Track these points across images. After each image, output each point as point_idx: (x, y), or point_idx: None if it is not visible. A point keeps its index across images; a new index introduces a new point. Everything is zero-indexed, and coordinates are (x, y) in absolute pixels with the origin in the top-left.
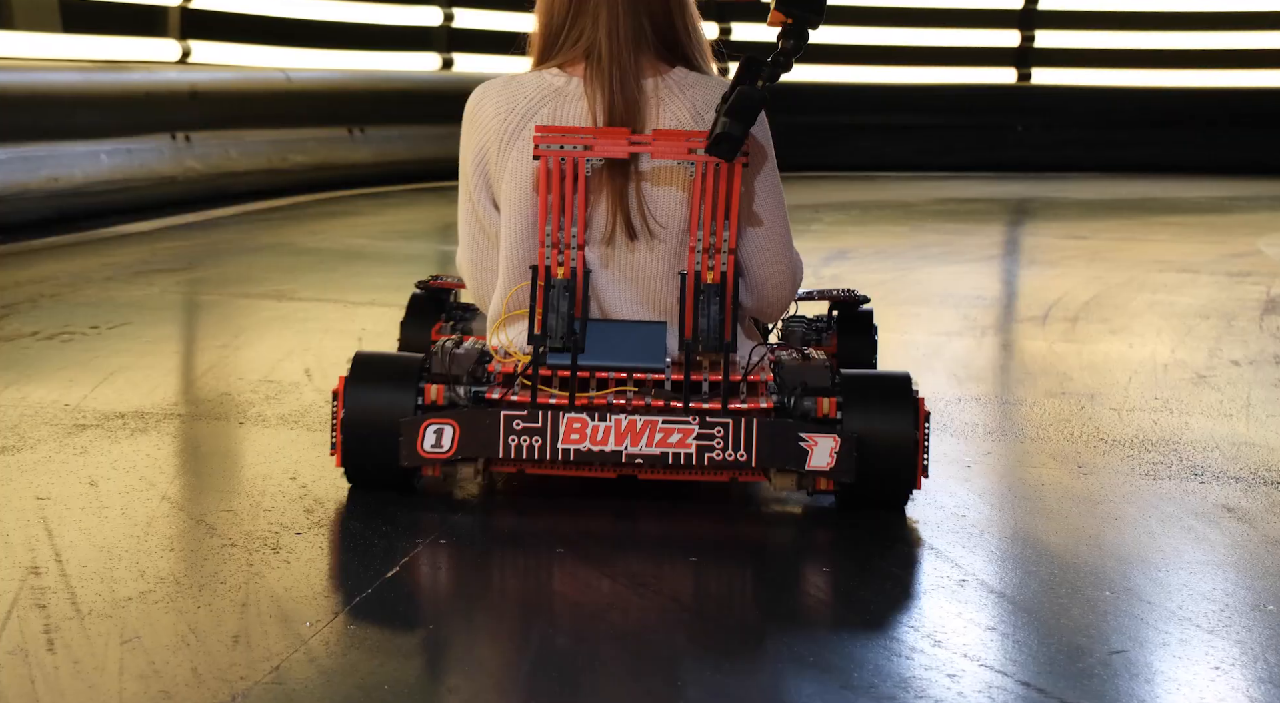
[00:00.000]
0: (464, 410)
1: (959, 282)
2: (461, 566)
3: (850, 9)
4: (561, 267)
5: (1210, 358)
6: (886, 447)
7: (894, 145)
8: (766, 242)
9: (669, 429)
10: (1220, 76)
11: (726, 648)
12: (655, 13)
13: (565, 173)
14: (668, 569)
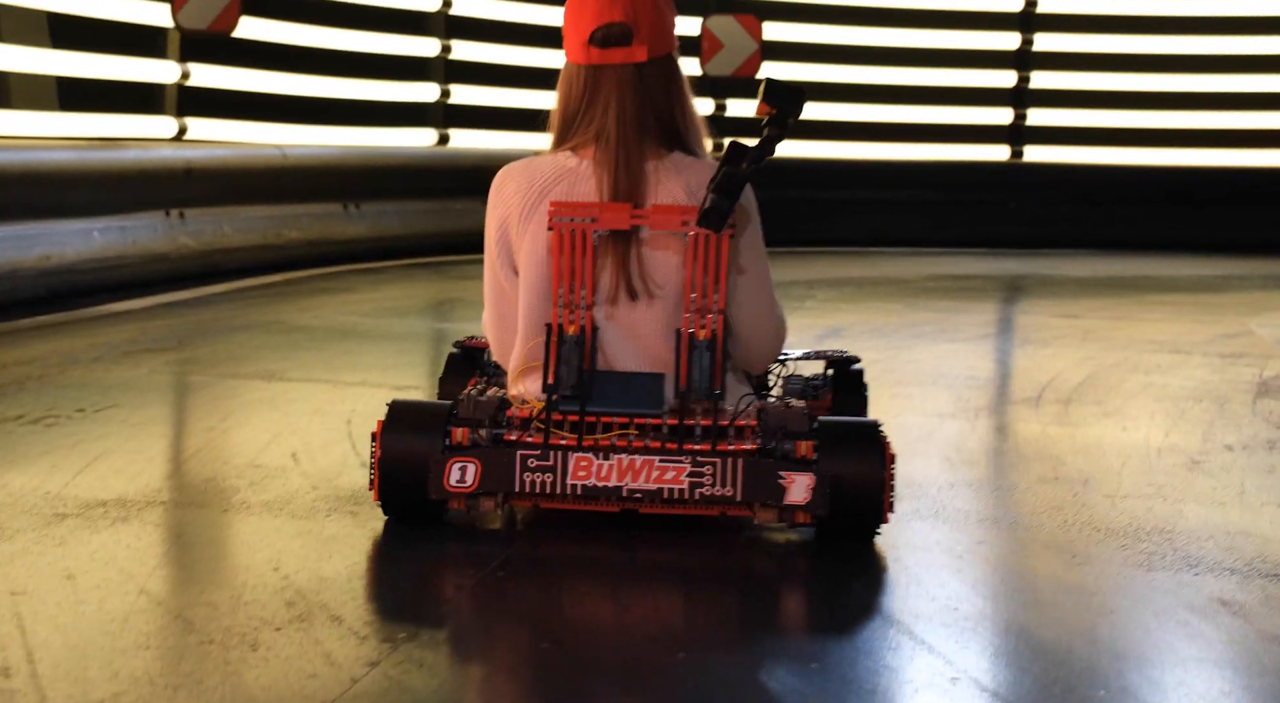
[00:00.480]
0: (485, 450)
1: (952, 361)
2: (451, 662)
3: (844, 86)
4: (572, 324)
5: (1204, 443)
6: (857, 485)
7: (889, 221)
8: (752, 303)
9: (664, 468)
10: (1210, 155)
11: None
12: (657, 106)
13: (575, 242)
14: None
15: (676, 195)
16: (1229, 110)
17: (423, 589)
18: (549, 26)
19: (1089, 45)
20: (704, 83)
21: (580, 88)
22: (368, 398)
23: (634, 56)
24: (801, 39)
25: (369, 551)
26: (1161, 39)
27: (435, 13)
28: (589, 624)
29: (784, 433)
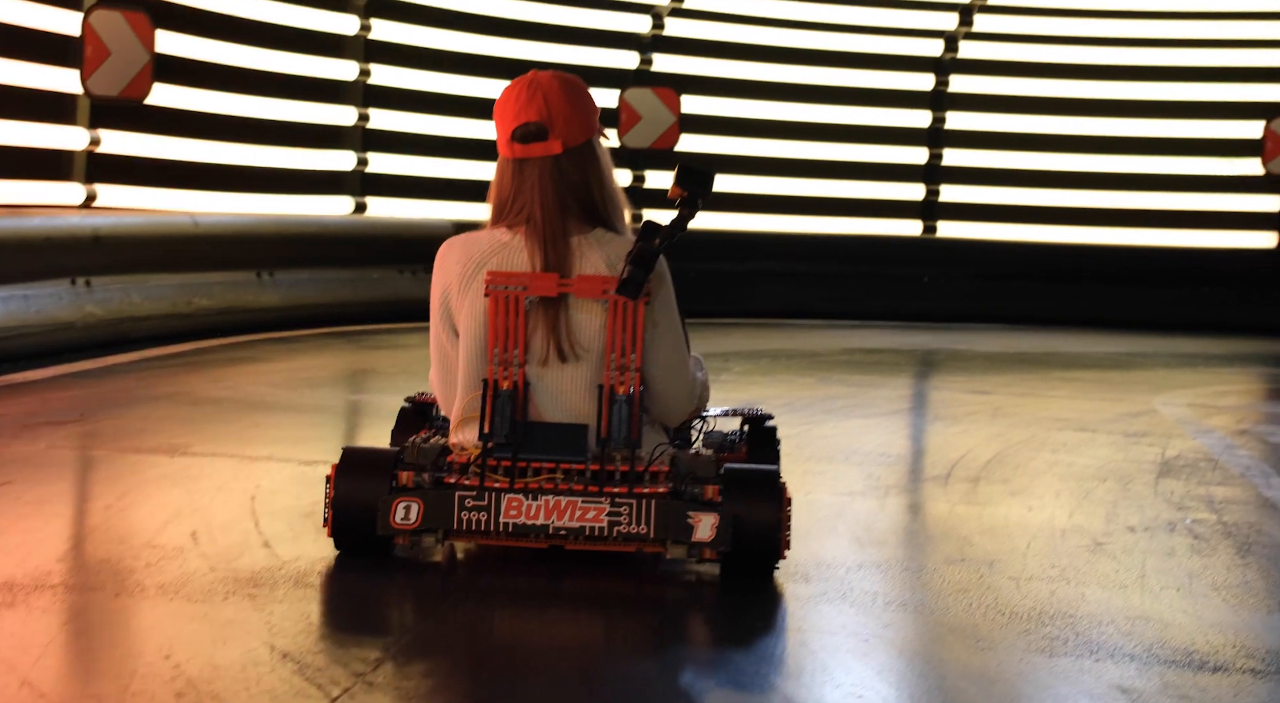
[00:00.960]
0: (427, 491)
1: (864, 437)
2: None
3: (761, 159)
4: (506, 380)
5: (1107, 523)
6: (756, 524)
7: (805, 293)
8: (666, 363)
9: (586, 508)
10: (1117, 234)
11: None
12: (577, 190)
13: (509, 307)
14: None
15: (598, 267)
16: (1137, 190)
17: (320, 677)
18: (466, 96)
19: (1000, 125)
20: (622, 154)
21: (509, 177)
22: (274, 473)
23: (551, 150)
24: (719, 112)
25: (266, 636)
26: (1072, 120)
27: (353, 82)
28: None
29: (693, 478)
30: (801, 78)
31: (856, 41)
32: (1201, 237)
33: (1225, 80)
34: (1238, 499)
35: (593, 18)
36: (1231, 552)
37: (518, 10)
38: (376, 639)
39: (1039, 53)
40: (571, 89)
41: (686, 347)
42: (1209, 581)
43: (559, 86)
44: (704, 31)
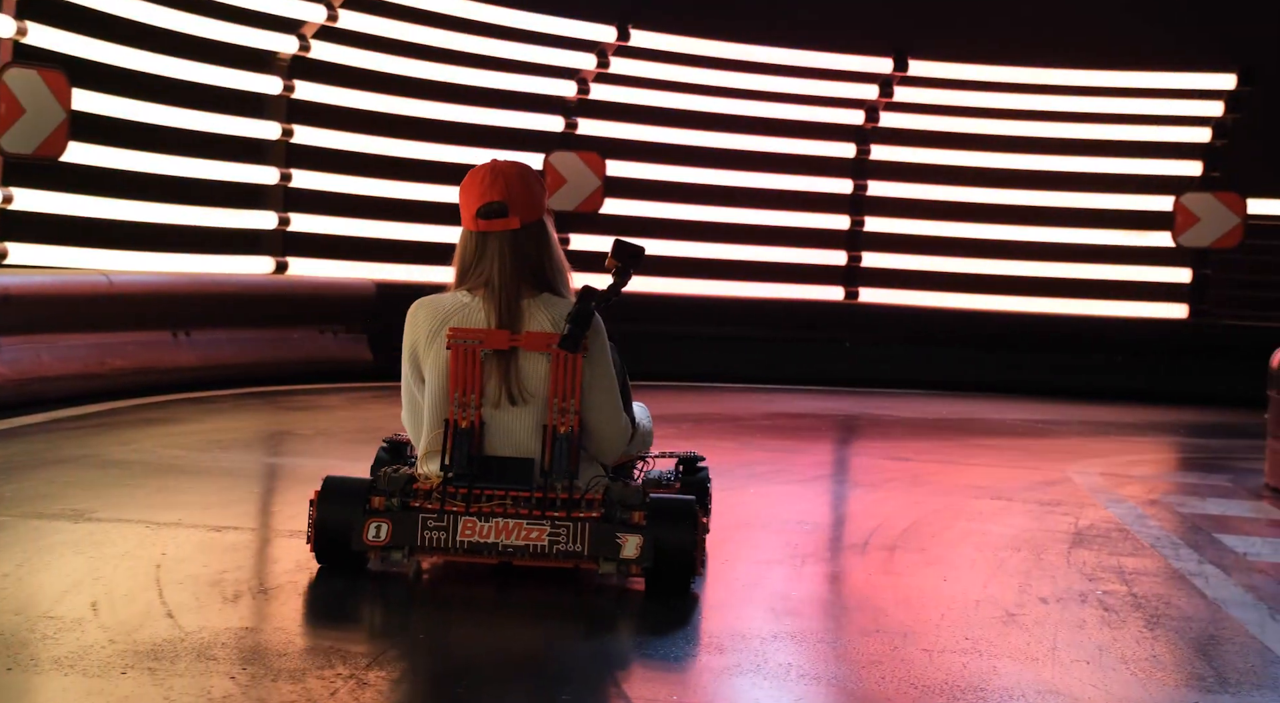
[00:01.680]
0: (395, 513)
1: (785, 504)
2: None
3: (686, 223)
4: (465, 419)
5: (1020, 594)
6: (675, 545)
7: (729, 357)
8: (601, 407)
9: (530, 529)
10: (1037, 303)
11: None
12: (530, 260)
13: (468, 358)
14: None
15: (544, 325)
16: (1054, 260)
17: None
18: (391, 157)
19: (921, 193)
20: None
21: (472, 247)
22: (181, 540)
23: (510, 225)
24: (645, 176)
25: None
26: (990, 190)
27: (275, 141)
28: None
29: (622, 505)
30: (726, 144)
31: (781, 110)
32: (1116, 307)
33: (1137, 155)
34: (1147, 570)
35: (518, 82)
36: (1141, 624)
37: (443, 73)
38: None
39: (959, 124)
40: (528, 175)
41: (625, 396)
42: (1118, 654)
43: (517, 173)
44: (629, 97)
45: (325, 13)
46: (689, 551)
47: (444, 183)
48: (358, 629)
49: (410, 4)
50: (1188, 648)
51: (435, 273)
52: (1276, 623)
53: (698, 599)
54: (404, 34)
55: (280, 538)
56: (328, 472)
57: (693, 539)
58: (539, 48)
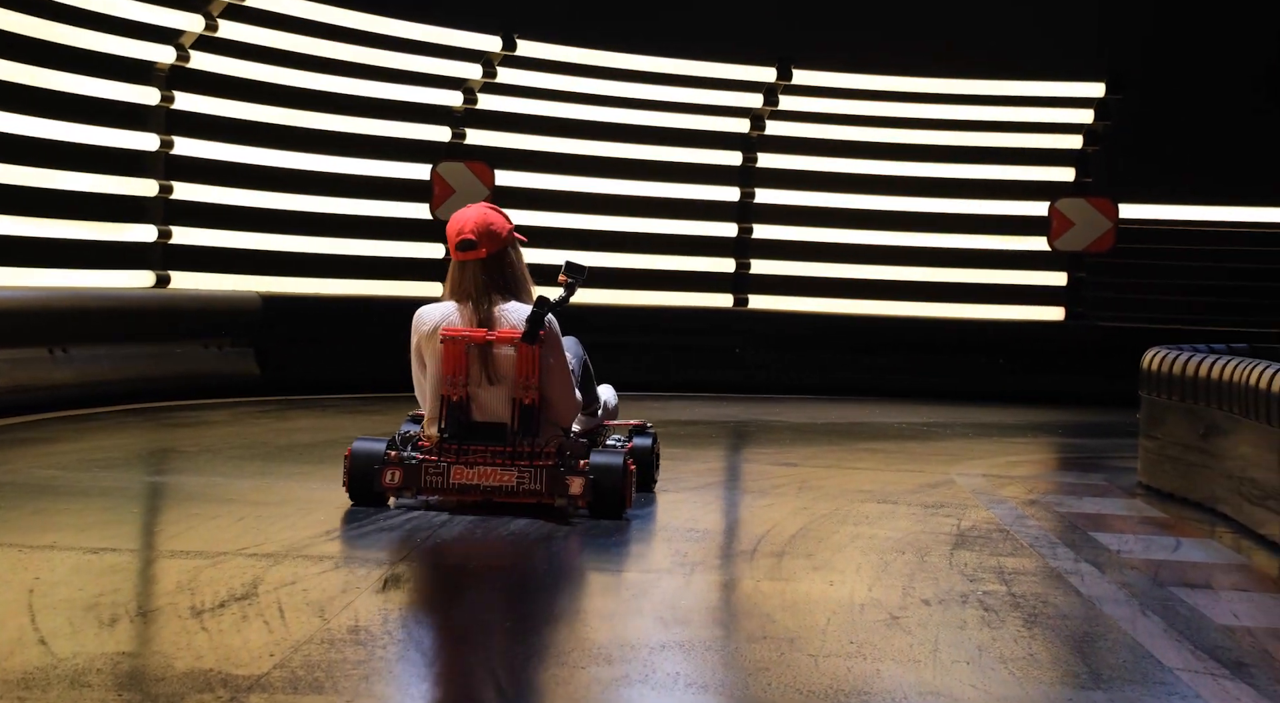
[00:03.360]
0: (405, 463)
1: (675, 512)
2: None
3: (575, 232)
4: (455, 395)
5: (904, 597)
6: (609, 485)
7: (620, 365)
8: (555, 385)
9: (504, 474)
10: (920, 307)
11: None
12: (496, 279)
13: (457, 350)
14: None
15: (512, 325)
16: (936, 265)
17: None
18: (275, 168)
19: (806, 200)
20: (435, 226)
21: (455, 272)
22: (56, 563)
23: (479, 254)
24: (534, 185)
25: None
26: (873, 197)
27: (154, 153)
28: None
29: (571, 456)
30: (615, 152)
31: (668, 118)
32: (996, 310)
33: (1014, 162)
34: (1026, 570)
35: (404, 92)
36: (1019, 623)
37: (328, 83)
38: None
39: (842, 132)
40: (490, 217)
41: (588, 379)
42: (997, 653)
43: (483, 219)
44: (517, 106)
45: (204, 22)
46: (619, 489)
47: (331, 194)
48: (240, 651)
49: (293, 13)
50: (1063, 646)
51: (324, 285)
52: (1147, 619)
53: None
54: (287, 44)
55: (162, 559)
56: (212, 489)
57: (623, 481)
58: (425, 58)
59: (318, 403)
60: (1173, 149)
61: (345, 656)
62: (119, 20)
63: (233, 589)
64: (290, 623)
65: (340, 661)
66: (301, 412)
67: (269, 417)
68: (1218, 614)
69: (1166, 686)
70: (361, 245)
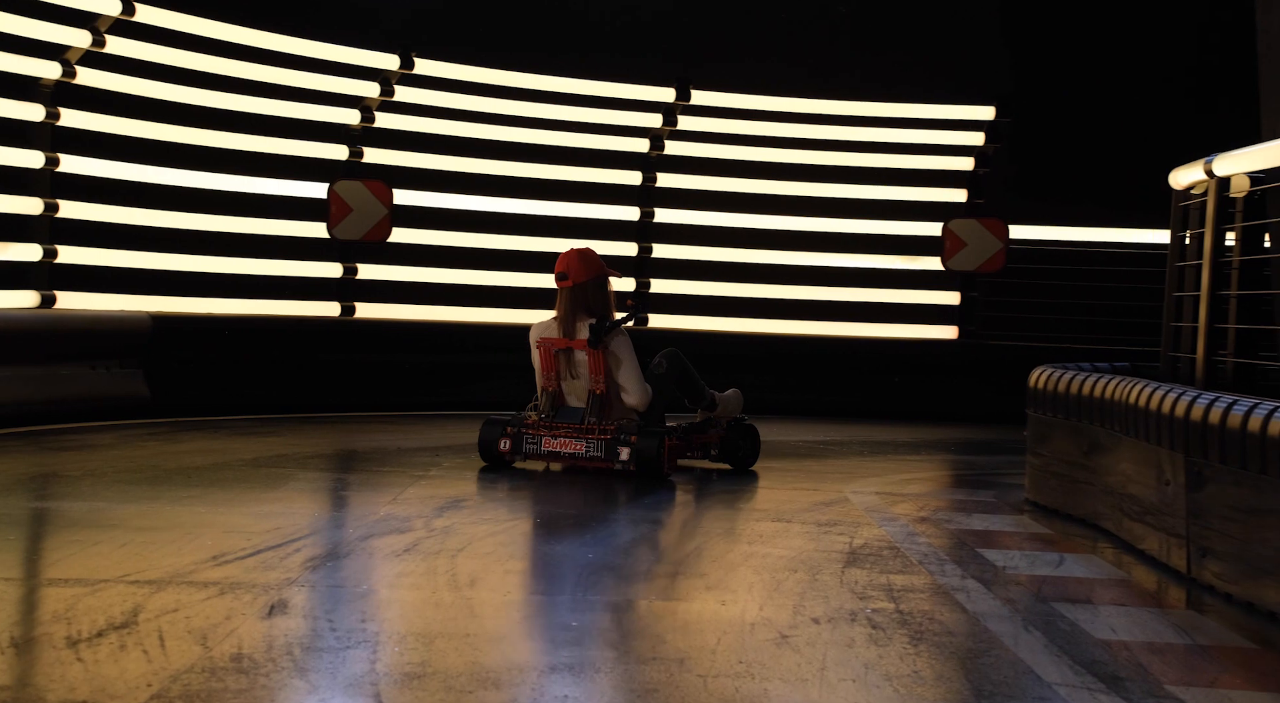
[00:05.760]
0: (514, 435)
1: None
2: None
3: (475, 251)
4: (550, 386)
5: (794, 616)
6: (650, 455)
7: (521, 386)
8: (624, 378)
9: (576, 444)
10: (816, 326)
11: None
12: (581, 303)
13: (549, 353)
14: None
15: (586, 336)
16: (834, 285)
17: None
18: (165, 185)
19: (707, 220)
20: (332, 245)
21: (558, 297)
22: None
23: (567, 284)
24: (433, 205)
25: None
26: (771, 218)
27: (40, 170)
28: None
29: (624, 432)
30: (515, 172)
31: (568, 138)
32: (892, 329)
33: (909, 183)
34: (915, 587)
35: (300, 110)
36: (905, 641)
37: (221, 100)
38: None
39: (741, 153)
40: (584, 255)
41: (686, 381)
42: (883, 671)
43: (577, 255)
44: (416, 125)
45: (90, 38)
46: (657, 458)
47: (226, 212)
48: (117, 682)
49: (184, 30)
50: (947, 663)
51: (218, 305)
52: (1029, 634)
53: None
54: (178, 60)
55: (40, 587)
56: (95, 514)
57: (661, 452)
58: (321, 76)
59: (211, 425)
60: (1060, 171)
61: (226, 684)
62: (2, 35)
63: (112, 618)
64: (170, 652)
65: (221, 690)
66: (193, 434)
67: (158, 439)
68: (1097, 629)
69: (1045, 701)
70: (257, 265)
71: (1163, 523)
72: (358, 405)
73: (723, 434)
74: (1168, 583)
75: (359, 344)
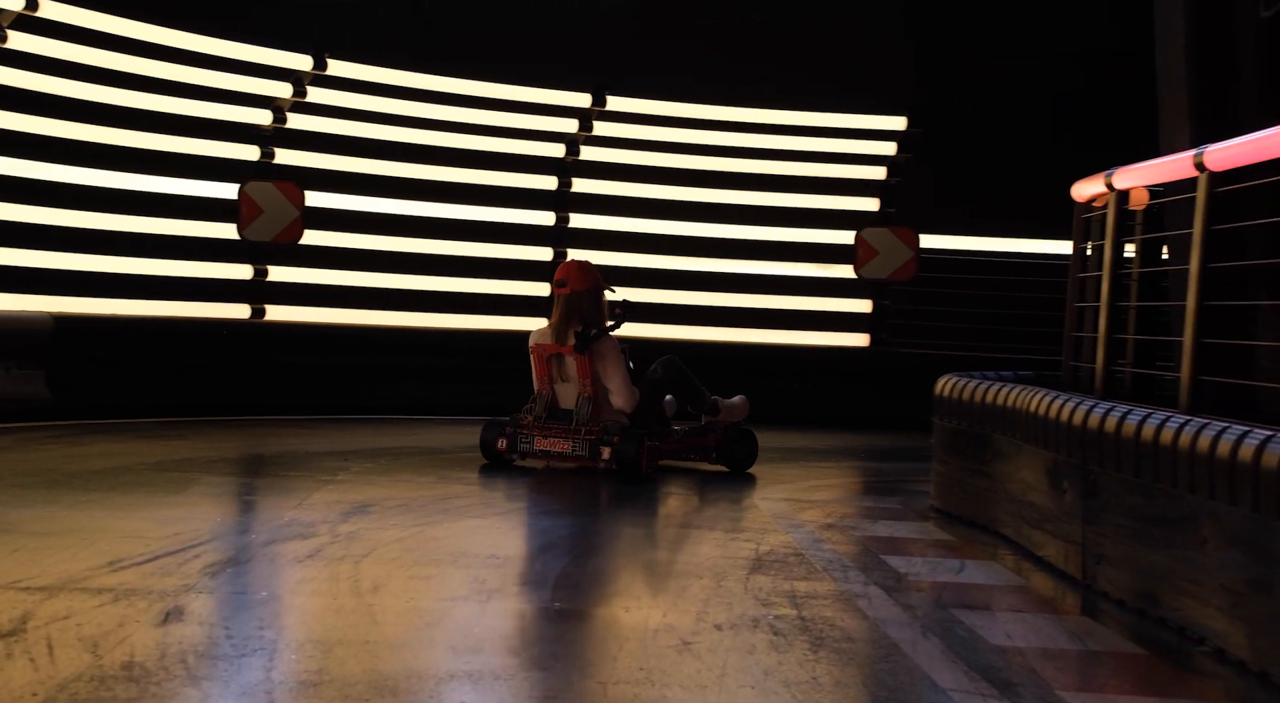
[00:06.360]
0: (510, 433)
1: (477, 538)
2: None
3: (388, 254)
4: (543, 389)
5: (697, 622)
6: (629, 455)
7: (432, 389)
8: (609, 382)
9: (564, 443)
10: (731, 333)
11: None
12: (575, 310)
13: (543, 357)
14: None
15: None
16: (749, 292)
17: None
18: (68, 184)
19: (621, 225)
20: (243, 247)
21: (554, 304)
22: None
23: (565, 292)
24: (346, 207)
25: None
26: (689, 224)
27: None
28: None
29: (607, 433)
30: (430, 175)
31: (484, 142)
32: (806, 336)
33: (823, 191)
34: (818, 594)
35: (212, 110)
36: (806, 647)
37: (129, 98)
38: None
39: (656, 159)
40: (581, 266)
41: (684, 387)
42: (781, 678)
43: (576, 266)
44: (329, 126)
45: None
46: (636, 459)
47: (132, 212)
48: (1, 691)
49: (90, 26)
50: (845, 669)
51: (124, 306)
52: (927, 641)
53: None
54: (84, 57)
55: None
56: None
57: (639, 452)
58: (233, 75)
59: (115, 428)
60: (970, 182)
61: (116, 693)
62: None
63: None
64: (59, 660)
65: (110, 699)
66: (96, 437)
67: (59, 442)
68: (994, 635)
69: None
70: (166, 265)
71: (1060, 530)
72: (267, 409)
73: (720, 438)
74: (1064, 590)
75: (269, 346)
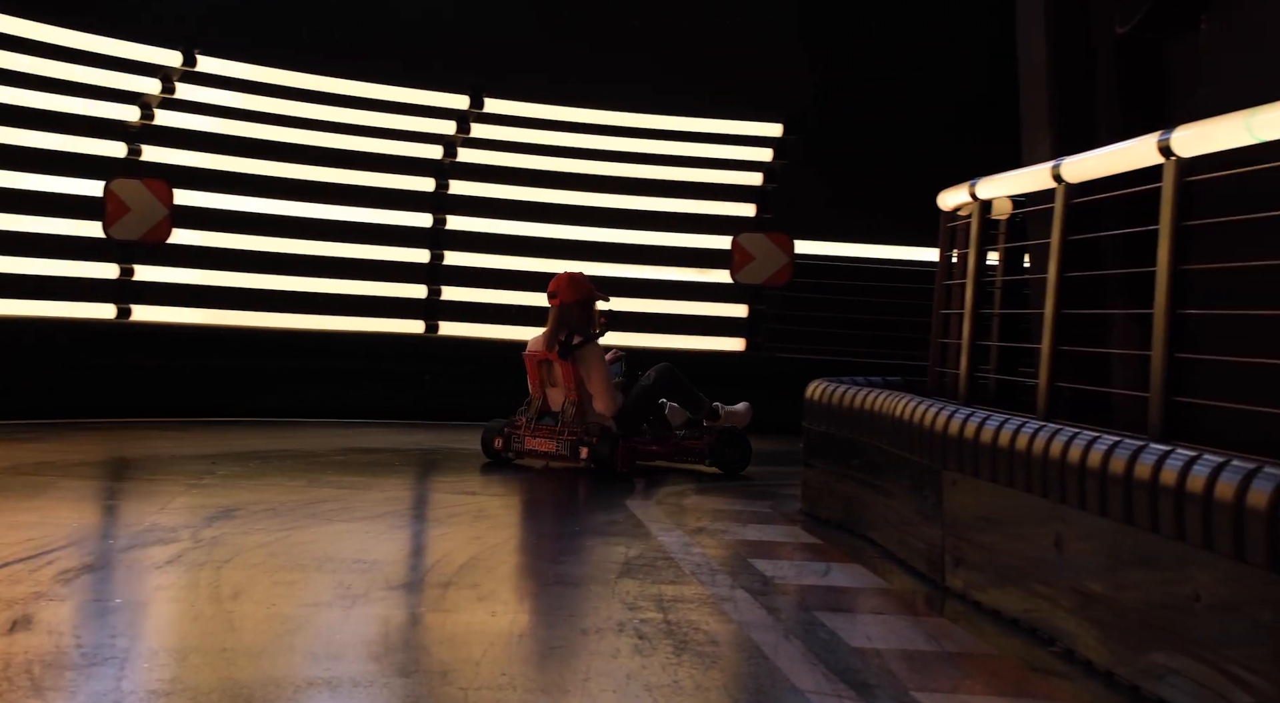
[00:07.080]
0: (506, 435)
1: (345, 542)
2: None
3: (259, 254)
4: (535, 394)
5: (562, 627)
6: (604, 454)
7: (306, 391)
8: (593, 387)
9: (549, 444)
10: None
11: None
12: (565, 319)
13: (534, 364)
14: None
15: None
16: (631, 297)
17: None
18: None
19: (499, 228)
20: (108, 245)
21: (549, 314)
22: None
23: (555, 303)
24: (216, 206)
25: None
26: (566, 228)
27: None
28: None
29: (587, 434)
30: (305, 175)
31: (361, 143)
32: (683, 340)
33: (702, 196)
34: (684, 597)
35: (77, 105)
36: (669, 651)
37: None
38: None
39: (533, 161)
40: (573, 278)
41: (679, 392)
42: (644, 681)
43: (568, 278)
44: (199, 124)
45: None
46: (610, 457)
47: None
48: None
49: None
50: (708, 673)
51: (10, 306)
52: (789, 643)
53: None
54: None
55: None
56: None
57: (614, 452)
58: (98, 70)
59: None
60: (845, 189)
61: None
62: None
63: None
64: None
65: None
66: None
67: None
68: (854, 638)
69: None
70: (26, 264)
71: (921, 533)
72: (133, 411)
73: (713, 442)
74: (924, 591)
75: (135, 348)
